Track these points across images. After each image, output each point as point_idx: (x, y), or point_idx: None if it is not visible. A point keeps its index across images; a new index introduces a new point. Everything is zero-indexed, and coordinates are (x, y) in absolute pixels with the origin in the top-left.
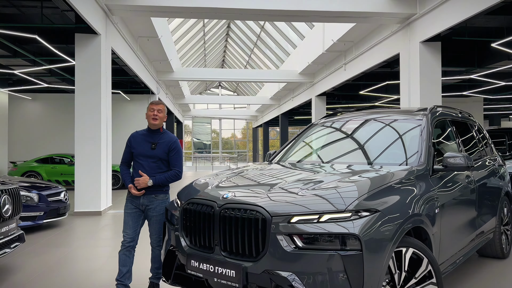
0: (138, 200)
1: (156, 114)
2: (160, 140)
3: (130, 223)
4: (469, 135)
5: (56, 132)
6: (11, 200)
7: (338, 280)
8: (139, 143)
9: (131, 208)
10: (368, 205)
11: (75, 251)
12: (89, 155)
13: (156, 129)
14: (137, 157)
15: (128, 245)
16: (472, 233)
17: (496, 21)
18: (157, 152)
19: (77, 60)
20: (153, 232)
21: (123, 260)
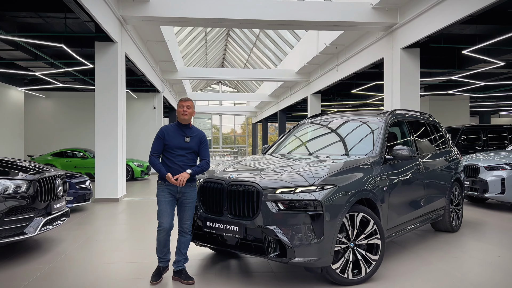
0: (175, 188)
1: (186, 110)
2: (192, 134)
3: (168, 211)
4: (424, 132)
5: (68, 128)
6: (62, 183)
7: (306, 230)
8: (173, 136)
9: (167, 197)
10: (330, 181)
11: (102, 229)
12: (107, 148)
13: (186, 123)
14: (171, 149)
15: (167, 229)
16: (420, 209)
17: (470, 29)
18: (191, 145)
19: (97, 65)
20: (187, 218)
21: (164, 243)
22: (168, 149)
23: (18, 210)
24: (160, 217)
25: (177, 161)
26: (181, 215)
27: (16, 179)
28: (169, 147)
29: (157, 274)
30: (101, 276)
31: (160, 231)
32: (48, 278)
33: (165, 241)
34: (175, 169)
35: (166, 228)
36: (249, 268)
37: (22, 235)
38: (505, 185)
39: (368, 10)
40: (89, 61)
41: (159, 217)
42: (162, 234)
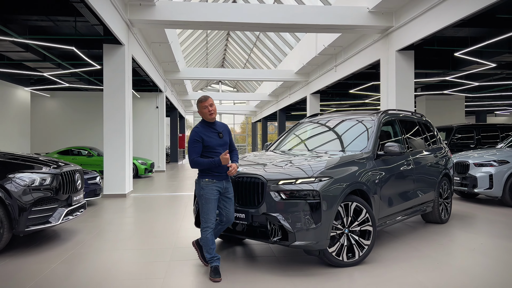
0: (222, 185)
1: (211, 109)
2: (220, 129)
3: (214, 208)
4: (416, 131)
5: (73, 127)
6: (80, 177)
7: (305, 217)
8: (210, 136)
9: (216, 194)
10: (326, 174)
11: (114, 221)
12: (115, 146)
13: (213, 121)
14: (213, 148)
15: (213, 227)
16: (410, 201)
17: (463, 32)
18: (225, 139)
19: (105, 67)
20: (232, 211)
21: (211, 240)
22: (210, 150)
23: (44, 201)
24: (208, 215)
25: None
26: (229, 210)
27: (41, 173)
28: (210, 147)
29: (217, 272)
30: (119, 261)
31: (207, 228)
32: (71, 262)
33: (212, 239)
34: (222, 166)
35: (213, 225)
36: (253, 253)
37: (47, 224)
38: (493, 181)
39: (365, 14)
40: (96, 62)
41: (207, 215)
42: (209, 231)
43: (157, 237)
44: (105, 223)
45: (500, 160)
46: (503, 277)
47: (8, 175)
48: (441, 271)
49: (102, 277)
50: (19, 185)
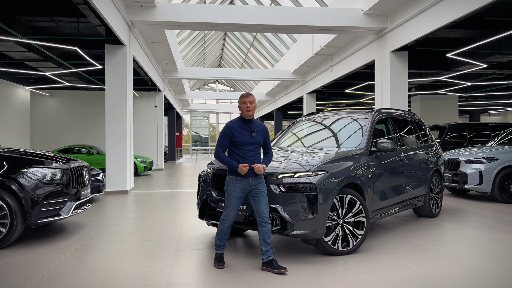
0: (247, 182)
1: (249, 106)
2: (256, 128)
3: (237, 205)
4: (408, 129)
5: (72, 126)
6: (88, 173)
7: (303, 208)
8: (241, 133)
9: (239, 192)
10: (323, 168)
11: (118, 215)
12: (117, 144)
13: (250, 118)
14: (241, 145)
15: (231, 222)
16: (402, 195)
17: (455, 33)
18: (257, 139)
19: (107, 67)
20: (264, 206)
21: (225, 233)
22: (238, 146)
23: (55, 194)
24: (228, 209)
25: (248, 156)
26: (258, 205)
27: (52, 168)
28: (238, 143)
29: (221, 260)
30: (127, 251)
31: (225, 221)
32: (82, 252)
33: (228, 231)
34: (246, 164)
35: (231, 220)
36: (253, 243)
37: (57, 216)
38: (483, 177)
39: (360, 15)
40: (97, 62)
41: (227, 209)
42: (226, 225)
43: (161, 230)
44: (110, 217)
45: (489, 158)
46: (487, 263)
47: (21, 170)
48: (430, 258)
49: (113, 264)
50: (31, 180)
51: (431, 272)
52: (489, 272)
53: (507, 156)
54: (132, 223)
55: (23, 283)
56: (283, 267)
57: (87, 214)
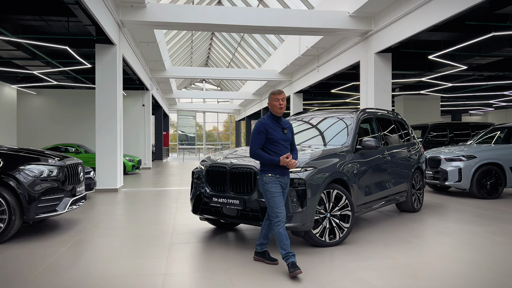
0: (284, 180)
1: (282, 103)
2: (285, 125)
3: (283, 202)
4: (391, 128)
5: (59, 124)
6: (82, 170)
7: (293, 202)
8: (275, 130)
9: (280, 189)
10: (311, 164)
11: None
12: (107, 143)
13: (280, 116)
14: (276, 142)
15: (285, 220)
16: (385, 190)
17: (436, 36)
18: (288, 136)
19: (97, 66)
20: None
21: (285, 235)
22: (273, 143)
23: (51, 191)
24: (278, 208)
25: (283, 153)
26: None
27: (48, 165)
28: (274, 140)
29: (296, 266)
30: (123, 244)
31: (280, 222)
32: (79, 246)
33: (285, 233)
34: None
35: (284, 218)
36: (244, 237)
37: (54, 212)
38: (462, 174)
39: (346, 18)
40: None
41: (277, 208)
42: (282, 225)
43: (154, 225)
44: (102, 214)
45: (468, 155)
46: (463, 253)
47: (19, 167)
48: (410, 248)
49: (110, 256)
50: (29, 176)
51: (411, 261)
52: (464, 260)
53: (485, 154)
54: (125, 219)
55: (26, 275)
56: (275, 259)
57: (80, 211)
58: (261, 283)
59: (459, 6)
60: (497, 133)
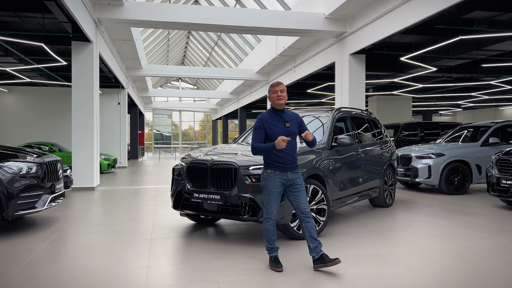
0: (286, 176)
1: (280, 95)
2: (289, 118)
3: (277, 201)
4: (365, 127)
5: (32, 122)
6: (61, 167)
7: None
8: (273, 124)
9: (278, 187)
10: None
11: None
12: (84, 141)
13: (281, 108)
14: (276, 136)
15: (275, 219)
16: (359, 186)
17: (408, 38)
18: (292, 129)
19: (74, 63)
20: (304, 202)
21: (273, 231)
22: (273, 139)
23: (30, 188)
24: (269, 206)
25: (285, 148)
26: (298, 201)
27: (27, 162)
28: (273, 137)
29: (278, 262)
30: (104, 240)
31: (269, 220)
32: (60, 242)
33: (274, 229)
34: (285, 156)
35: (275, 217)
36: (224, 231)
37: (33, 209)
38: (431, 171)
39: (321, 19)
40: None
41: (269, 206)
42: (270, 223)
43: (134, 222)
44: (81, 211)
45: (437, 153)
46: (431, 243)
47: None
48: (381, 239)
49: (93, 251)
50: (7, 173)
51: (383, 251)
52: (431, 250)
53: (452, 152)
54: (104, 217)
55: (9, 269)
56: (336, 258)
57: (57, 209)
58: (243, 273)
59: (428, 10)
60: (464, 132)
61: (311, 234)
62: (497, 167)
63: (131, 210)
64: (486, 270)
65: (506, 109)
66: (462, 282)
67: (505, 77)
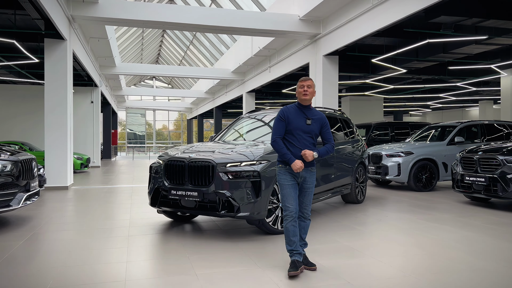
0: (297, 173)
1: (306, 90)
2: (313, 116)
3: (293, 195)
4: (337, 126)
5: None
6: (36, 166)
7: (248, 192)
8: (295, 117)
9: (290, 180)
10: (265, 158)
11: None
12: (57, 139)
13: (307, 104)
14: (293, 130)
15: (295, 215)
16: (331, 183)
17: (379, 41)
18: (312, 128)
19: (47, 61)
20: (308, 203)
21: (292, 231)
22: (291, 132)
23: (5, 186)
24: (286, 201)
25: (298, 144)
26: (301, 200)
27: (2, 160)
28: (292, 129)
29: (294, 266)
30: (81, 237)
31: (288, 216)
32: (37, 239)
33: (294, 229)
34: (296, 152)
35: (294, 212)
36: (201, 228)
37: (8, 207)
38: (401, 169)
39: (296, 21)
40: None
41: (285, 201)
42: (289, 220)
43: (110, 220)
44: (55, 210)
45: (406, 152)
46: (399, 236)
47: None
48: (354, 234)
49: (71, 248)
50: None
51: (354, 244)
52: (399, 242)
53: (420, 151)
54: (80, 215)
55: None
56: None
57: (31, 208)
58: (220, 265)
59: (398, 14)
60: (432, 131)
61: (301, 233)
62: (461, 165)
63: (107, 208)
64: (448, 259)
65: (472, 110)
66: (424, 270)
67: (471, 79)
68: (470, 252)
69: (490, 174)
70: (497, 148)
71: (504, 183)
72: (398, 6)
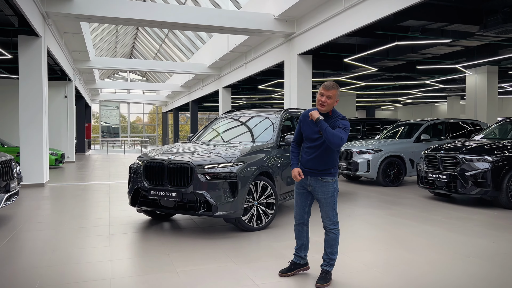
0: (305, 180)
1: (324, 101)
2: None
3: (298, 202)
4: None
5: None
6: (15, 166)
7: (225, 192)
8: (308, 125)
9: (299, 188)
10: (242, 159)
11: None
12: (32, 136)
13: (325, 112)
14: (306, 137)
15: (298, 222)
16: None
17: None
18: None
19: (21, 58)
20: (324, 215)
21: (297, 234)
22: (304, 137)
23: None
24: (295, 207)
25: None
26: (320, 211)
27: None
28: (304, 135)
29: (289, 268)
30: (63, 236)
31: (296, 222)
32: (18, 239)
33: (298, 232)
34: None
35: (298, 218)
36: (179, 226)
37: None
38: (370, 165)
39: (271, 20)
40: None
41: (295, 207)
42: (295, 223)
43: (90, 218)
44: (34, 209)
45: (376, 149)
46: (366, 230)
47: None
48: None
49: (54, 247)
50: None
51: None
52: (365, 237)
53: (389, 148)
54: (59, 214)
55: None
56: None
57: (9, 207)
58: (200, 262)
59: (369, 17)
60: (401, 128)
61: (325, 246)
62: (425, 162)
63: (86, 206)
64: (407, 251)
65: (441, 105)
66: (384, 262)
67: (438, 77)
68: (428, 245)
69: (451, 171)
70: (458, 147)
71: (463, 180)
72: (369, 10)
